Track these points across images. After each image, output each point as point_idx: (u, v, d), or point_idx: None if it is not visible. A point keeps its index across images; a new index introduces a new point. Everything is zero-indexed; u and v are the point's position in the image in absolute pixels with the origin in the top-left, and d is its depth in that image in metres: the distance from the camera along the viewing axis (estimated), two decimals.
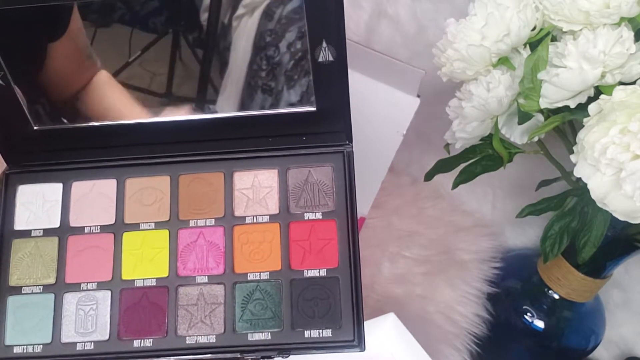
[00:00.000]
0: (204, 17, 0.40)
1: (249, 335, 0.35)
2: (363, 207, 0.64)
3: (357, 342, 0.35)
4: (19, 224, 0.38)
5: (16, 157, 0.38)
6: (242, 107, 0.39)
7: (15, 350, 0.35)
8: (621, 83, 0.39)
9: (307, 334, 0.35)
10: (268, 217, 0.37)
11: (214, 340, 0.35)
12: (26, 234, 0.37)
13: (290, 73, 0.40)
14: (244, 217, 0.37)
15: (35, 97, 0.37)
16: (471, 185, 0.50)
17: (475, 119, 0.45)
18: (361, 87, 0.54)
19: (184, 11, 0.41)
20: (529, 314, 0.58)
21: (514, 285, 0.63)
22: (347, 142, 0.37)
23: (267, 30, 0.41)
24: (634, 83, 0.39)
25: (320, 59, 0.34)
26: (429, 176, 0.51)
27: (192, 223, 0.37)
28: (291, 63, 0.41)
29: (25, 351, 0.35)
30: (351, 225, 0.36)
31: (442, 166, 0.51)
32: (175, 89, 0.40)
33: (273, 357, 0.35)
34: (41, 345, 0.35)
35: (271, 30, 0.41)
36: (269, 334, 0.35)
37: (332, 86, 0.35)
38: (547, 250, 0.48)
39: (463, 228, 0.67)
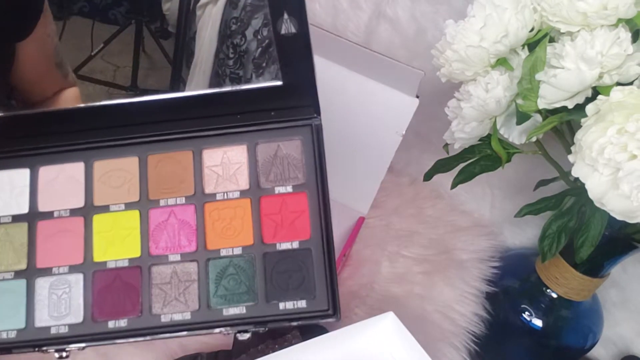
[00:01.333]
0: (166, 6, 0.40)
1: (224, 310, 0.35)
2: (363, 207, 0.64)
3: (332, 311, 0.35)
4: None
5: None
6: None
7: None
8: (619, 84, 0.39)
9: (282, 305, 0.35)
10: (239, 192, 0.37)
11: (189, 317, 0.35)
12: None
13: (259, 61, 0.40)
14: (214, 194, 0.37)
15: None
16: (470, 185, 0.50)
17: (474, 120, 0.45)
18: (361, 87, 0.54)
19: (145, 1, 0.40)
20: (527, 312, 0.59)
21: (513, 284, 0.63)
22: (315, 115, 0.37)
23: (232, 18, 0.41)
24: (631, 84, 0.39)
25: (282, 31, 0.33)
26: (428, 176, 0.52)
27: (162, 202, 0.37)
28: (259, 50, 0.41)
29: None
30: (322, 196, 0.36)
31: (441, 166, 0.51)
32: (140, 81, 0.40)
33: (249, 331, 0.35)
34: (15, 331, 0.35)
35: (236, 18, 0.40)
36: (244, 307, 0.35)
37: (296, 59, 0.34)
38: (545, 250, 0.49)
39: (462, 228, 0.67)
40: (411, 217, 0.67)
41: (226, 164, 0.37)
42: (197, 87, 0.41)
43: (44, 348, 0.35)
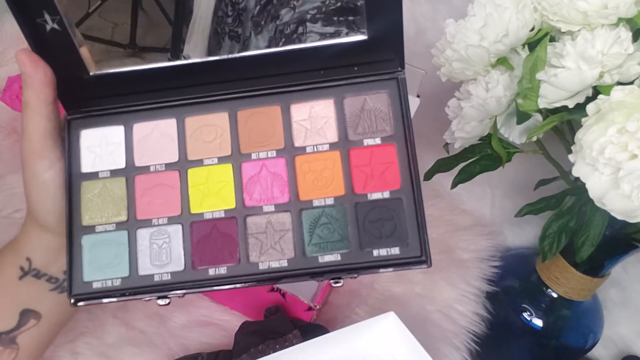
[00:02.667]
0: None
1: (319, 257, 0.36)
2: None
3: (425, 257, 0.35)
4: (86, 167, 0.38)
5: (75, 102, 0.39)
6: (209, 56, 0.39)
7: (94, 286, 0.36)
8: (619, 83, 0.39)
9: (375, 252, 0.35)
10: (328, 145, 0.37)
11: (286, 265, 0.36)
12: (94, 175, 0.38)
13: (257, 18, 0.41)
14: (304, 147, 0.37)
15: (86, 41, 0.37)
16: (470, 184, 0.50)
17: (474, 119, 0.45)
18: None
19: None
20: (527, 312, 0.59)
21: (513, 284, 0.63)
22: (400, 69, 0.37)
23: None
24: (631, 83, 0.39)
25: None
26: (428, 176, 0.52)
27: (254, 156, 0.38)
28: (257, 8, 0.41)
29: (104, 285, 0.36)
30: (410, 148, 0.36)
31: (442, 166, 0.51)
32: (139, 39, 0.40)
33: (343, 279, 0.36)
34: (120, 279, 0.36)
35: None
36: (339, 255, 0.36)
37: (384, 12, 0.35)
38: (546, 249, 0.49)
39: (462, 227, 0.67)
40: None
41: (314, 117, 0.38)
42: (196, 46, 0.41)
43: (147, 295, 0.36)
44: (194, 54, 0.40)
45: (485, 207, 0.71)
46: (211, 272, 0.36)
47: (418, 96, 0.55)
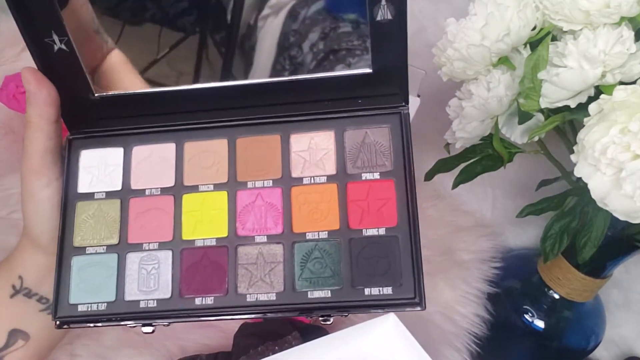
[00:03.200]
0: (229, 17, 0.41)
1: (309, 293, 0.35)
2: None
3: (418, 299, 0.35)
4: (82, 187, 0.38)
5: (78, 123, 0.39)
6: None
7: (79, 309, 0.36)
8: (621, 83, 0.39)
9: (367, 291, 0.35)
10: (325, 177, 0.37)
11: (274, 298, 0.35)
12: (89, 196, 0.38)
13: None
14: (301, 178, 0.37)
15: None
16: (471, 185, 0.50)
17: (475, 119, 0.45)
18: None
19: (212, 11, 0.41)
20: (529, 313, 0.58)
21: (514, 285, 0.63)
22: (404, 104, 0.37)
23: (291, 31, 0.42)
24: (634, 83, 0.39)
25: (378, 18, 0.33)
26: (429, 176, 0.51)
27: (250, 184, 0.38)
28: (313, 64, 0.41)
29: (89, 309, 0.36)
30: (409, 184, 0.36)
31: (442, 166, 0.51)
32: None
33: (332, 316, 0.35)
34: (105, 303, 0.36)
35: (295, 30, 0.41)
36: (329, 291, 0.35)
37: (389, 46, 0.35)
38: (547, 250, 0.48)
39: (463, 228, 0.67)
40: None
41: (313, 149, 0.38)
42: None
43: (132, 322, 0.36)
44: None
45: (486, 208, 0.70)
46: (198, 301, 0.36)
47: (418, 96, 0.55)
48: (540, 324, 0.58)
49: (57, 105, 0.36)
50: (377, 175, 0.37)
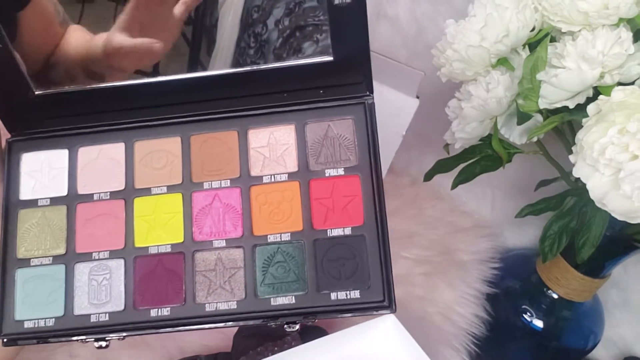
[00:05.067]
0: None
1: (272, 299, 0.33)
2: None
3: (388, 302, 0.33)
4: (25, 194, 0.36)
5: (18, 123, 0.36)
6: None
7: (26, 325, 0.34)
8: (620, 83, 0.39)
9: (333, 296, 0.33)
10: (287, 175, 0.35)
11: (235, 307, 0.33)
12: (32, 203, 0.36)
13: (279, 51, 0.38)
14: (261, 177, 0.35)
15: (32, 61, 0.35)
16: (470, 185, 0.50)
17: (475, 120, 0.45)
18: None
19: None
20: (528, 313, 0.58)
21: (513, 285, 0.63)
22: (368, 93, 0.35)
23: (254, 7, 0.39)
24: (632, 83, 0.39)
25: (336, 2, 0.31)
26: (428, 176, 0.51)
27: (206, 185, 0.35)
28: (279, 41, 0.39)
29: (36, 325, 0.34)
30: (375, 180, 0.34)
31: (442, 166, 0.51)
32: (162, 66, 0.38)
33: (298, 323, 0.33)
34: (53, 319, 0.34)
35: (258, 6, 0.39)
36: (293, 297, 0.33)
37: (350, 32, 0.32)
38: (546, 250, 0.48)
39: (462, 228, 0.67)
40: (411, 217, 0.67)
41: (273, 145, 0.35)
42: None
43: (83, 337, 0.34)
44: None
45: (485, 208, 0.70)
46: (153, 313, 0.33)
47: (418, 97, 0.55)
48: (539, 323, 0.58)
49: None
50: (341, 171, 0.34)
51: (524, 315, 0.58)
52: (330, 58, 0.33)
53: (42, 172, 0.36)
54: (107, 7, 0.38)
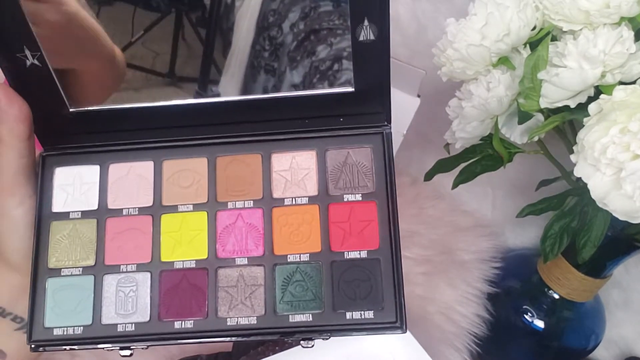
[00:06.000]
0: None
1: (290, 316, 0.35)
2: None
3: (400, 323, 0.34)
4: (57, 206, 0.37)
5: (52, 139, 0.38)
6: (245, 89, 0.39)
7: (55, 332, 0.35)
8: (621, 83, 0.39)
9: (348, 315, 0.34)
10: (307, 198, 0.36)
11: (255, 322, 0.35)
12: (64, 216, 0.37)
13: (293, 54, 0.40)
14: (282, 199, 0.36)
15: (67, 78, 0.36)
16: (471, 185, 0.50)
17: (475, 119, 0.45)
18: None
19: None
20: (529, 313, 0.58)
21: (514, 285, 0.63)
22: (386, 124, 0.36)
23: (270, 10, 0.40)
24: (634, 83, 0.39)
25: (361, 38, 0.33)
26: (429, 176, 0.51)
27: (230, 205, 0.37)
28: (294, 44, 0.40)
29: (65, 333, 0.35)
30: (391, 206, 0.35)
31: (442, 166, 0.51)
32: (178, 69, 0.39)
33: (313, 339, 0.35)
34: (82, 327, 0.35)
35: (274, 10, 0.40)
36: (310, 315, 0.35)
37: (372, 66, 0.34)
38: (547, 250, 0.48)
39: (463, 228, 0.67)
40: (412, 217, 0.67)
41: (295, 169, 0.37)
42: (232, 78, 0.41)
43: (109, 346, 0.35)
44: (230, 86, 0.40)
45: (486, 208, 0.70)
46: (177, 325, 0.35)
47: (418, 96, 0.55)
48: (540, 324, 0.58)
49: (29, 122, 0.35)
50: (359, 197, 0.36)
51: (525, 315, 0.58)
52: (352, 89, 0.35)
53: (74, 186, 0.38)
54: (124, 11, 0.39)
